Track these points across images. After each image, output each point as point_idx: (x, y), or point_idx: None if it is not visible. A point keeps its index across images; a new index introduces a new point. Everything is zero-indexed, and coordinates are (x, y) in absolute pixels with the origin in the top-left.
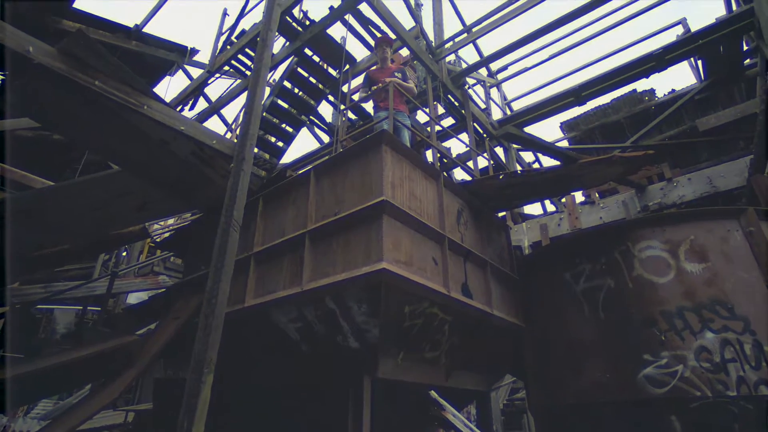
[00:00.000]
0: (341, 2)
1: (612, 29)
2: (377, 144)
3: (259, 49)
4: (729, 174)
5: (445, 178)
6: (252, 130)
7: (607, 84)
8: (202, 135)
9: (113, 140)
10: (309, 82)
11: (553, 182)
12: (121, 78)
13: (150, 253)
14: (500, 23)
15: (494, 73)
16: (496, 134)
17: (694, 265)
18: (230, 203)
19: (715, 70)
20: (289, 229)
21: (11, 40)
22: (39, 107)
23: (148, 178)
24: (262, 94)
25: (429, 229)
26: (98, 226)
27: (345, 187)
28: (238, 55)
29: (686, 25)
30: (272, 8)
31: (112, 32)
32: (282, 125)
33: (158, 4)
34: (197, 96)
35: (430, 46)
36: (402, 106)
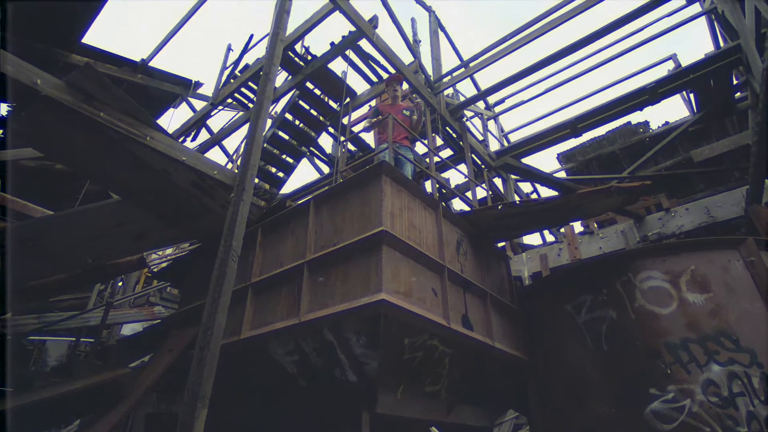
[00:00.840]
0: (342, 39)
1: (605, 64)
2: (377, 174)
3: (262, 83)
4: (726, 204)
5: (444, 208)
6: (253, 161)
7: (602, 117)
8: (204, 165)
9: (115, 170)
10: (310, 115)
11: (552, 212)
12: (126, 110)
13: (146, 284)
14: (496, 59)
15: (491, 106)
16: (494, 165)
17: (696, 295)
18: (229, 233)
19: (707, 103)
20: (288, 259)
21: (21, 74)
22: (43, 137)
23: (147, 208)
24: (263, 126)
25: (428, 259)
26: (96, 256)
27: (344, 217)
28: (241, 88)
29: (677, 60)
30: (275, 44)
31: (119, 66)
32: (282, 156)
33: (164, 40)
34: (200, 127)
35: (429, 80)
36: (406, 140)
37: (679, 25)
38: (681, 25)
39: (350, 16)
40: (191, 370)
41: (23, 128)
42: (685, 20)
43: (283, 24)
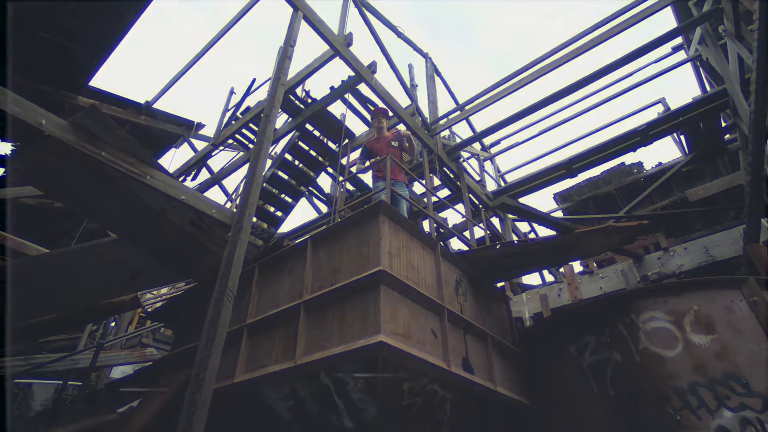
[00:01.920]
0: (342, 83)
1: (597, 107)
2: (375, 214)
3: (263, 124)
4: (724, 243)
5: (442, 247)
6: (252, 200)
7: (596, 157)
8: (202, 204)
9: (114, 209)
10: (309, 155)
11: (551, 252)
12: (128, 149)
13: (140, 324)
14: (490, 102)
15: (487, 147)
16: (491, 205)
17: (701, 337)
18: (225, 272)
19: (698, 144)
20: (284, 299)
21: (27, 115)
22: (44, 176)
23: (144, 247)
24: (263, 166)
25: (427, 299)
26: (90, 295)
27: (342, 256)
28: (242, 130)
29: (666, 103)
30: (277, 87)
31: (124, 107)
32: (281, 195)
33: (169, 83)
34: (200, 167)
35: (426, 122)
36: (401, 176)
37: (666, 71)
38: (668, 71)
39: (350, 63)
40: (182, 415)
41: (24, 167)
42: (672, 66)
43: (285, 69)
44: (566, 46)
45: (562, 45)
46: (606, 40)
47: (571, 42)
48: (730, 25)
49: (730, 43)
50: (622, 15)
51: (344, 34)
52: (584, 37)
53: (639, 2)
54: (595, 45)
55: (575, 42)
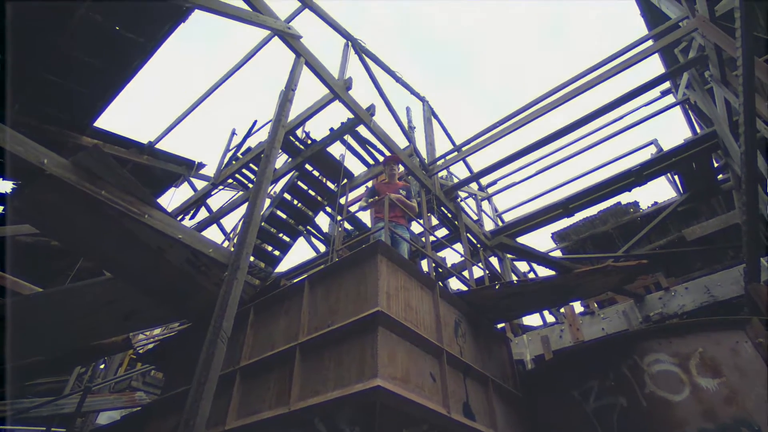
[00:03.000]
0: (341, 125)
1: (592, 148)
2: (373, 254)
3: (263, 164)
4: (725, 283)
5: (441, 288)
6: (249, 239)
7: (593, 197)
8: (199, 243)
9: (111, 247)
10: (308, 195)
11: (551, 292)
12: (128, 188)
13: (130, 366)
14: (486, 144)
15: (484, 187)
16: (490, 244)
17: (708, 380)
18: (220, 312)
19: (692, 184)
20: (280, 341)
21: (29, 154)
22: (42, 214)
23: (139, 286)
24: (262, 205)
25: (426, 341)
26: (82, 335)
27: (339, 297)
28: (242, 169)
29: (658, 145)
30: (277, 129)
31: (126, 147)
32: (279, 234)
33: (172, 124)
34: (199, 206)
35: (423, 163)
36: (402, 219)
37: (656, 114)
38: (658, 114)
39: (350, 106)
40: None
41: (24, 205)
42: (662, 109)
43: (285, 111)
44: (559, 90)
45: (555, 89)
46: (597, 84)
47: (563, 86)
48: (716, 71)
49: (717, 87)
50: (612, 61)
51: (344, 79)
52: (576, 82)
53: (628, 49)
54: (586, 89)
55: (568, 86)
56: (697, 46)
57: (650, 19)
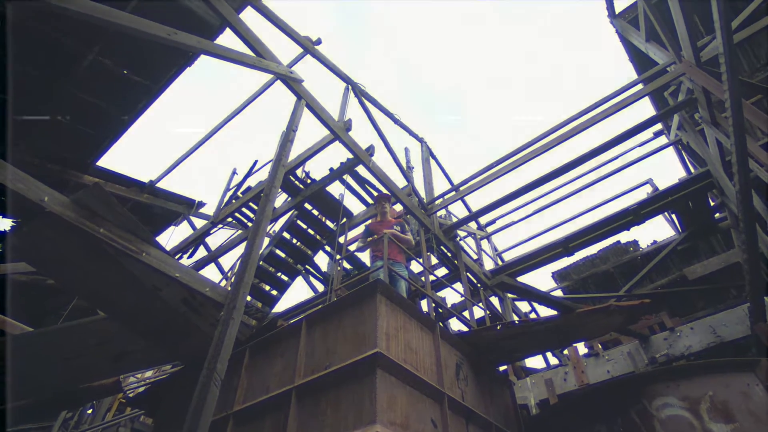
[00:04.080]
0: (340, 165)
1: (589, 187)
2: (372, 293)
3: (262, 203)
4: (731, 323)
5: (441, 328)
6: (247, 278)
7: (592, 236)
8: (196, 282)
9: (106, 286)
10: (307, 234)
11: (553, 333)
12: (126, 227)
13: (119, 411)
14: (484, 183)
15: (483, 226)
16: (490, 284)
17: (720, 425)
18: (215, 354)
19: (690, 223)
20: (275, 384)
21: (30, 192)
22: (39, 252)
23: (133, 326)
24: (260, 244)
25: (427, 385)
26: (70, 378)
27: (337, 337)
28: (241, 208)
29: (653, 184)
30: (278, 168)
31: (127, 186)
32: (278, 274)
33: (174, 164)
34: (198, 245)
35: (422, 202)
36: (399, 256)
37: (650, 154)
38: (652, 154)
39: (349, 146)
40: None
41: (21, 243)
42: (655, 150)
43: (286, 152)
44: (554, 131)
45: (550, 130)
46: (590, 126)
47: (558, 127)
48: (705, 113)
49: (708, 128)
50: (604, 103)
51: (344, 120)
52: (570, 123)
53: (619, 92)
54: (580, 131)
55: (562, 128)
56: (686, 89)
57: (639, 64)
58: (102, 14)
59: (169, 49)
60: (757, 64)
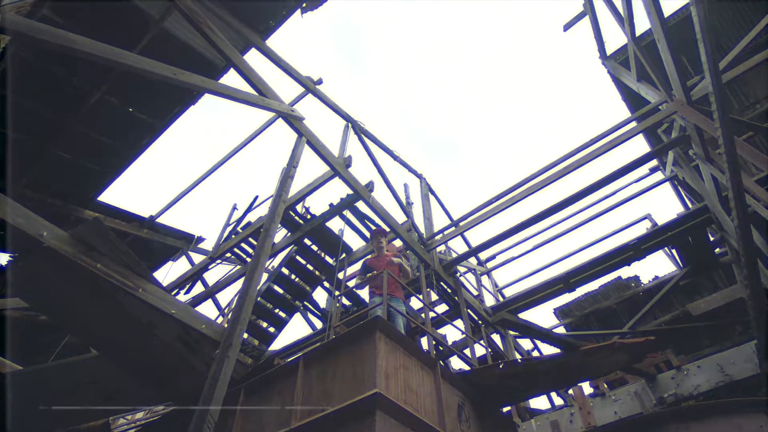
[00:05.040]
0: (340, 200)
1: (588, 222)
2: (371, 331)
3: (261, 239)
4: (738, 360)
5: (442, 367)
6: (244, 315)
7: (592, 272)
8: (192, 319)
9: (101, 322)
10: (306, 269)
11: (557, 372)
12: (124, 261)
13: None
14: (483, 219)
15: (483, 262)
16: (491, 321)
17: None
18: (209, 394)
19: (690, 258)
20: (271, 426)
21: (29, 226)
22: (34, 288)
23: (126, 364)
24: (259, 280)
25: (428, 427)
26: (60, 418)
27: (335, 377)
28: (240, 244)
29: (652, 219)
30: (278, 204)
31: (127, 221)
32: (275, 310)
33: (174, 199)
34: (195, 280)
35: (422, 237)
36: (398, 292)
37: (647, 190)
38: (649, 190)
39: (349, 183)
40: None
41: (17, 278)
42: (652, 185)
43: (286, 188)
44: (552, 167)
45: (547, 166)
46: (586, 162)
47: (556, 164)
48: (699, 150)
49: (702, 164)
50: (600, 140)
51: (344, 157)
52: (567, 159)
53: (614, 130)
54: (577, 167)
55: (559, 164)
56: (679, 126)
57: (631, 102)
58: (111, 55)
59: (174, 88)
60: (746, 103)
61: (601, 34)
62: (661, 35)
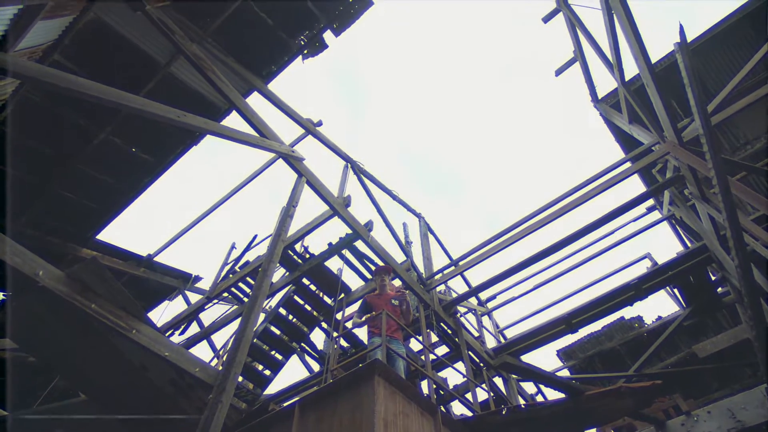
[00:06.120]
0: (339, 240)
1: (588, 262)
2: (369, 375)
3: (259, 279)
4: (750, 405)
5: (443, 413)
6: (239, 358)
7: (595, 312)
8: (186, 362)
9: (91, 365)
10: (304, 310)
11: (563, 418)
12: (118, 302)
13: None
14: (482, 258)
15: (484, 302)
16: (493, 364)
17: None
18: None
19: (693, 298)
20: None
21: (26, 265)
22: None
23: (114, 409)
24: (255, 321)
25: None
26: None
27: (333, 424)
28: (238, 283)
29: (652, 258)
30: (276, 243)
31: (125, 260)
32: (272, 352)
33: (172, 239)
34: (191, 321)
35: (421, 277)
36: (397, 333)
37: (645, 229)
38: (647, 229)
39: (348, 222)
40: None
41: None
42: (650, 224)
43: (286, 227)
44: (550, 206)
45: (545, 206)
46: (583, 203)
47: (553, 203)
48: (694, 189)
49: (698, 203)
50: (596, 180)
51: (343, 196)
52: (565, 199)
53: (609, 170)
54: (574, 207)
55: (557, 204)
56: (672, 166)
57: (624, 143)
58: (119, 99)
59: (176, 129)
60: (737, 143)
61: (591, 79)
62: (649, 80)
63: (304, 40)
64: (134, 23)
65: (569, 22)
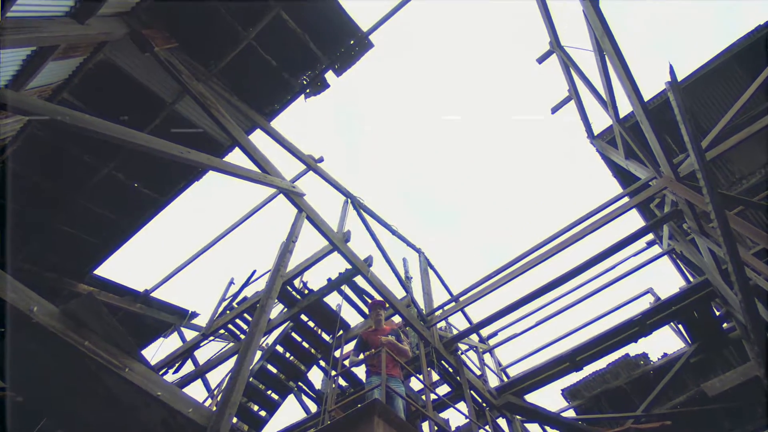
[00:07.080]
0: (339, 275)
1: (590, 297)
2: (369, 416)
3: (257, 315)
4: None
5: None
6: (234, 398)
7: (599, 349)
8: (179, 402)
9: (80, 404)
10: (302, 347)
11: None
12: (112, 338)
13: None
14: (483, 294)
15: (485, 339)
16: (496, 404)
17: None
18: None
19: (698, 334)
20: None
21: (20, 301)
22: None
23: None
24: (252, 359)
25: None
26: None
27: None
28: (235, 320)
29: (654, 293)
30: (275, 279)
31: (121, 295)
32: (268, 392)
33: (170, 274)
34: (186, 358)
35: (421, 313)
36: (396, 371)
37: (646, 264)
38: (648, 264)
39: (348, 257)
40: None
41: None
42: (650, 259)
43: (285, 262)
44: (549, 242)
45: (545, 241)
46: (582, 238)
47: (553, 238)
48: (693, 223)
49: (698, 238)
50: (594, 215)
51: (343, 232)
52: (564, 234)
53: (607, 205)
54: (573, 242)
55: (556, 239)
56: (670, 201)
57: (622, 179)
58: (125, 135)
59: (179, 165)
60: (732, 178)
61: (587, 117)
62: (643, 118)
63: (307, 80)
64: (142, 63)
65: (563, 62)
